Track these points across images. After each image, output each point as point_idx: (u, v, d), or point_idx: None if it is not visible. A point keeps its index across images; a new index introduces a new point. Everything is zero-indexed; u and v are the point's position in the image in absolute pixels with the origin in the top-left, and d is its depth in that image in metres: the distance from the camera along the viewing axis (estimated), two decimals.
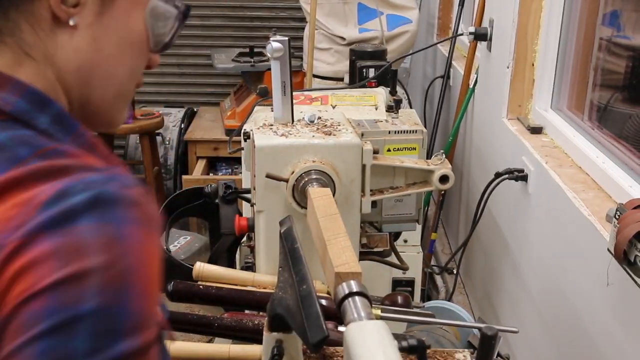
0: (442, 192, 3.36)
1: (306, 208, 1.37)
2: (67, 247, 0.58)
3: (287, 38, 1.49)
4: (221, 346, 1.37)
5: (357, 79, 2.87)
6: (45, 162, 0.63)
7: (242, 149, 2.01)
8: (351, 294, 1.00)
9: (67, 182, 0.61)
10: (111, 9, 0.73)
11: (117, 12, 0.73)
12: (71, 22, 0.70)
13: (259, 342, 1.23)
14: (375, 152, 1.52)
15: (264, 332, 1.20)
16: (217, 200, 1.85)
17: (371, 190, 1.55)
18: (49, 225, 0.59)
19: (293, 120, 1.56)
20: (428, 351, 1.19)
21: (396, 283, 2.60)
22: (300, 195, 1.42)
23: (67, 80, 0.72)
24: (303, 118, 1.58)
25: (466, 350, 1.23)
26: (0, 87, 0.67)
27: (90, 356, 0.56)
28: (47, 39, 0.70)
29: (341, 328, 1.25)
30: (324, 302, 1.25)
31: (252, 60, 4.01)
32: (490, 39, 2.76)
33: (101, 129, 0.81)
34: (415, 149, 1.70)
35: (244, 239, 1.90)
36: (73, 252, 0.58)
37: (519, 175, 2.19)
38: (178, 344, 1.33)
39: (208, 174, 3.99)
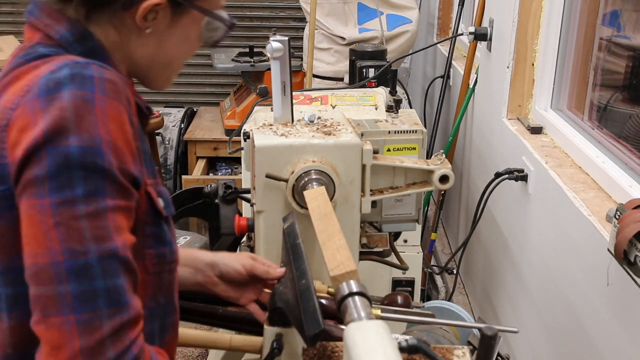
0: (442, 192, 3.36)
1: (306, 208, 1.37)
2: (52, 109, 0.81)
3: (287, 38, 1.49)
4: (223, 335, 1.38)
5: (357, 79, 2.87)
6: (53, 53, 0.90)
7: (242, 149, 2.01)
8: (351, 294, 1.00)
9: (59, 62, 0.86)
10: (177, 23, 0.98)
11: (181, 26, 0.99)
12: (147, 31, 0.96)
13: (261, 334, 1.23)
14: (375, 152, 1.52)
15: (265, 326, 1.20)
16: (217, 200, 1.85)
17: (371, 190, 1.55)
18: (42, 94, 0.83)
19: (293, 120, 1.56)
20: None
21: (396, 283, 2.60)
22: (300, 195, 1.42)
23: (133, 60, 0.99)
24: (303, 118, 1.57)
25: (465, 347, 1.22)
26: (59, 22, 0.93)
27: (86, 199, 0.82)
28: (125, 37, 0.96)
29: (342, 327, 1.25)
30: (324, 301, 1.25)
31: (252, 60, 4.01)
32: (490, 39, 2.76)
33: (154, 88, 1.07)
34: (415, 148, 1.70)
35: (244, 239, 1.90)
36: (55, 113, 0.81)
37: (519, 175, 2.19)
38: (180, 330, 1.33)
39: (208, 174, 3.99)
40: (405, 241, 2.64)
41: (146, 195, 0.94)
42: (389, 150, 1.69)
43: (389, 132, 1.69)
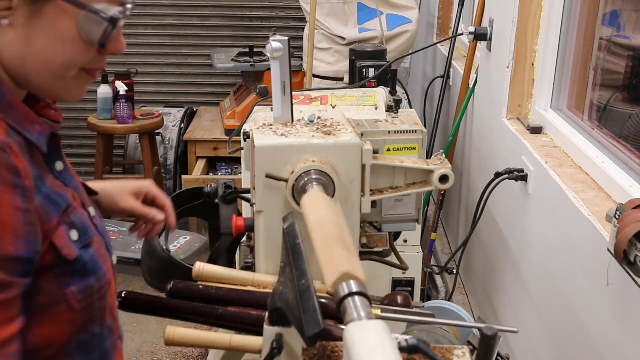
0: (442, 192, 3.36)
1: None
2: None
3: (287, 38, 1.49)
4: (223, 335, 1.37)
5: (357, 78, 2.87)
6: None
7: (242, 149, 2.01)
8: (351, 294, 1.00)
9: None
10: (41, 14, 0.87)
11: (47, 17, 0.87)
12: (3, 22, 0.85)
13: (261, 334, 1.23)
14: (375, 152, 1.52)
15: (265, 326, 1.20)
16: (217, 200, 1.85)
17: (371, 190, 1.55)
18: None
19: (293, 120, 1.56)
20: None
21: (396, 283, 2.60)
22: (300, 195, 1.42)
23: (5, 64, 0.88)
24: (303, 118, 1.57)
25: (465, 347, 1.22)
26: None
27: None
28: None
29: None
30: (324, 301, 1.25)
31: (252, 60, 4.01)
32: (490, 39, 2.76)
33: (58, 101, 0.97)
34: (415, 148, 1.70)
35: (244, 239, 1.90)
36: None
37: (519, 175, 2.19)
38: (181, 330, 1.33)
39: (208, 174, 3.99)
40: (405, 241, 2.64)
41: (50, 246, 0.90)
42: (389, 150, 1.69)
43: (389, 132, 1.69)
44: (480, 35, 2.80)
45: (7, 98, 0.89)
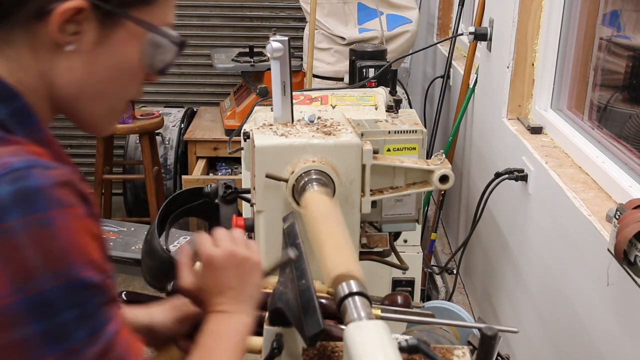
0: (442, 192, 3.36)
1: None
2: (8, 252, 0.66)
3: (287, 38, 1.49)
4: None
5: (357, 78, 2.87)
6: None
7: (242, 149, 2.01)
8: (351, 294, 1.00)
9: None
10: (109, 39, 0.78)
11: (114, 42, 0.79)
12: (67, 48, 0.76)
13: (261, 334, 1.23)
14: (375, 152, 1.52)
15: (265, 326, 1.20)
16: (217, 200, 1.85)
17: (371, 190, 1.55)
18: None
19: (293, 120, 1.56)
20: None
21: (396, 283, 2.60)
22: (300, 195, 1.42)
23: (56, 91, 0.78)
24: (303, 118, 1.57)
25: (465, 347, 1.22)
26: None
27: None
28: (44, 57, 0.76)
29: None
30: (324, 301, 1.25)
31: (252, 60, 4.01)
32: (490, 39, 2.76)
33: (90, 133, 0.89)
34: (415, 148, 1.70)
35: None
36: (16, 259, 0.66)
37: (519, 175, 2.19)
38: None
39: (208, 174, 3.99)
40: (405, 241, 2.64)
41: None
42: (389, 150, 1.69)
43: (389, 132, 1.69)
44: (480, 35, 2.80)
45: (44, 135, 0.79)
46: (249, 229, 1.61)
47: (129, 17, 0.79)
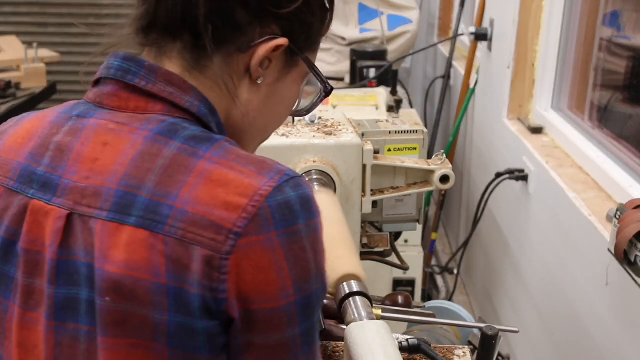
0: (443, 192, 3.36)
1: None
2: (295, 250, 0.71)
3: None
4: None
5: (357, 79, 2.87)
6: (248, 156, 0.75)
7: None
8: (352, 294, 1.01)
9: (277, 179, 0.72)
10: (285, 77, 0.85)
11: (288, 81, 0.86)
12: (259, 82, 0.82)
13: None
14: (376, 152, 1.52)
15: None
16: None
17: (372, 190, 1.55)
18: (278, 225, 0.70)
19: (294, 120, 1.56)
20: None
21: (397, 283, 2.60)
22: None
23: (231, 119, 0.83)
24: (304, 118, 1.58)
25: (466, 346, 1.23)
26: (185, 92, 0.78)
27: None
28: (234, 86, 0.81)
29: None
30: (324, 301, 1.25)
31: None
32: (491, 39, 2.76)
33: None
34: (415, 149, 1.70)
35: None
36: (301, 258, 0.71)
37: (520, 176, 2.20)
38: None
39: None
40: (406, 241, 2.64)
41: None
42: (389, 150, 1.69)
43: (390, 132, 1.69)
44: (481, 36, 2.80)
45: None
46: None
47: (306, 59, 0.86)
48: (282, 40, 0.80)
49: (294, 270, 0.70)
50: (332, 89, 0.92)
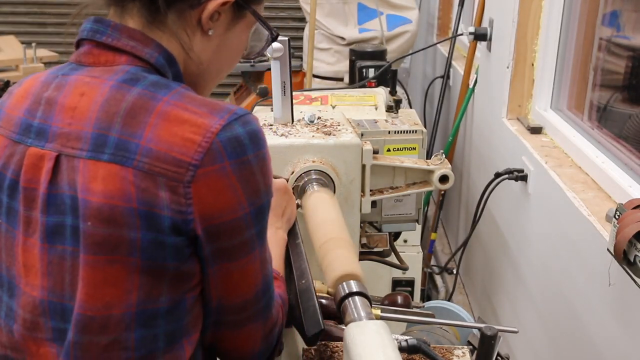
0: (442, 192, 3.36)
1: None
2: (247, 175, 0.86)
3: (287, 38, 1.49)
4: None
5: (357, 79, 2.87)
6: (202, 99, 0.88)
7: None
8: (351, 294, 1.00)
9: (227, 117, 0.86)
10: (234, 27, 0.97)
11: (237, 30, 0.97)
12: (210, 33, 0.94)
13: None
14: (375, 152, 1.52)
15: None
16: None
17: (371, 190, 1.55)
18: (230, 156, 0.85)
19: (293, 120, 1.56)
20: None
21: (396, 283, 2.60)
22: (300, 195, 1.42)
23: (188, 67, 0.96)
24: (303, 118, 1.58)
25: (465, 347, 1.23)
26: (146, 44, 0.91)
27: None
28: (190, 36, 0.93)
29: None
30: (324, 301, 1.25)
31: (252, 60, 4.01)
32: (490, 39, 2.76)
33: None
34: (415, 148, 1.70)
35: None
36: (253, 181, 0.87)
37: (519, 175, 2.20)
38: None
39: None
40: (405, 241, 2.64)
41: None
42: (388, 150, 1.69)
43: (389, 132, 1.69)
44: (480, 36, 2.80)
45: None
46: None
47: (253, 10, 0.97)
48: None
49: (246, 189, 0.86)
50: (277, 34, 1.05)
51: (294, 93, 1.60)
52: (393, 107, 1.90)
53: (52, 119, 0.89)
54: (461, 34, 3.33)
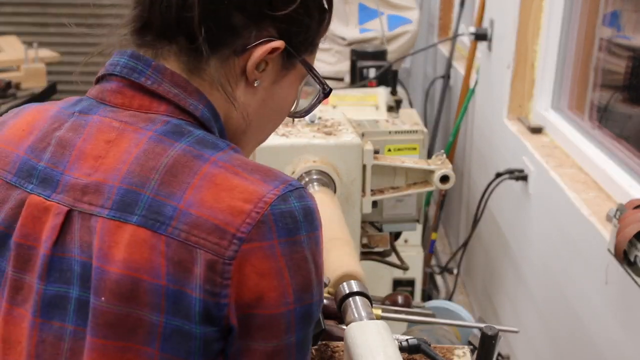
0: (443, 192, 3.36)
1: None
2: (297, 260, 0.71)
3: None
4: None
5: (357, 79, 2.87)
6: (254, 163, 0.75)
7: None
8: (352, 294, 1.01)
9: (282, 188, 0.72)
10: (283, 79, 0.84)
11: (285, 83, 0.84)
12: (255, 84, 0.81)
13: None
14: (376, 152, 1.52)
15: None
16: None
17: (372, 190, 1.55)
18: (281, 233, 0.70)
19: (293, 121, 1.56)
20: None
21: (397, 283, 2.60)
22: None
23: (230, 121, 0.83)
24: (303, 118, 1.58)
25: (465, 346, 1.23)
26: (189, 94, 0.77)
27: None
28: (232, 89, 0.80)
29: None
30: (325, 301, 1.25)
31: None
32: (491, 39, 2.76)
33: None
34: (415, 149, 1.70)
35: None
36: (303, 268, 0.72)
37: (520, 176, 2.20)
38: None
39: None
40: (406, 241, 2.64)
41: None
42: (389, 150, 1.69)
43: (390, 132, 1.70)
44: (481, 36, 2.80)
45: None
46: None
47: (303, 61, 0.85)
48: (279, 43, 0.79)
49: (295, 279, 0.71)
50: (330, 90, 0.91)
51: None
52: (394, 107, 1.90)
53: (64, 166, 0.74)
54: (462, 34, 3.34)
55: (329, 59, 3.55)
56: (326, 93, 0.90)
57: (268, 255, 0.69)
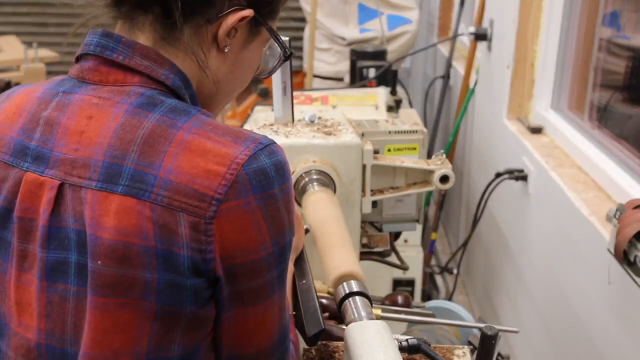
0: (443, 192, 3.36)
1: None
2: (271, 211, 0.79)
3: (287, 38, 1.49)
4: None
5: (357, 79, 2.87)
6: (225, 126, 0.81)
7: None
8: (352, 294, 1.01)
9: (252, 147, 0.79)
10: (250, 44, 0.90)
11: (252, 47, 0.91)
12: (226, 50, 0.87)
13: None
14: (376, 152, 1.52)
15: None
16: None
17: (371, 190, 1.55)
18: (255, 190, 0.78)
19: (293, 120, 1.56)
20: None
21: (397, 283, 2.60)
22: (300, 195, 1.42)
23: (202, 86, 0.89)
24: (303, 118, 1.58)
25: (465, 346, 1.23)
26: (161, 64, 0.83)
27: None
28: (206, 54, 0.87)
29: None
30: (324, 301, 1.25)
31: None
32: (491, 39, 2.76)
33: None
34: (415, 149, 1.70)
35: None
36: (277, 218, 0.80)
37: (519, 175, 2.20)
38: None
39: None
40: (406, 241, 2.64)
41: None
42: (389, 150, 1.69)
43: (390, 132, 1.70)
44: (481, 36, 2.80)
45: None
46: None
47: (269, 27, 0.90)
48: (248, 12, 0.85)
49: (271, 228, 0.79)
50: (291, 53, 0.99)
51: (294, 93, 1.60)
52: (393, 107, 1.90)
53: (53, 143, 0.80)
54: (461, 34, 3.34)
55: (328, 59, 3.55)
56: (287, 56, 0.98)
57: (245, 211, 0.77)
